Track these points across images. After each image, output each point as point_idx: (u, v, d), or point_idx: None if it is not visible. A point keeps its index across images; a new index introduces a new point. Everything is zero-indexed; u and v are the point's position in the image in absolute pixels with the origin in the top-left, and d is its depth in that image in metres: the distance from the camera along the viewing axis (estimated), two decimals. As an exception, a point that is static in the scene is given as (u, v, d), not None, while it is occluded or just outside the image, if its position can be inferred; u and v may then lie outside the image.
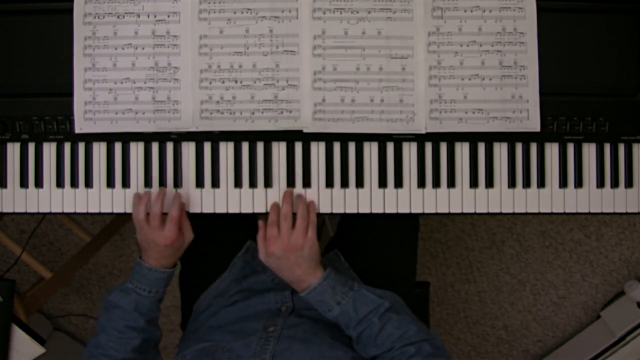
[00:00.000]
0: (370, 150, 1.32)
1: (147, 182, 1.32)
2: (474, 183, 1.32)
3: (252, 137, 1.31)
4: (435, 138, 1.31)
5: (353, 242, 1.45)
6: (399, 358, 1.16)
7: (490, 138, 1.31)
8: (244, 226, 1.44)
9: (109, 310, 1.27)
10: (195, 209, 1.32)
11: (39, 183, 1.33)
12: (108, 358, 1.25)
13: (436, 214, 1.32)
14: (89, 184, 1.32)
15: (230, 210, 1.32)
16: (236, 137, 1.31)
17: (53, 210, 1.33)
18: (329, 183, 1.32)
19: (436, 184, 1.32)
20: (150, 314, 1.28)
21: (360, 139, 1.31)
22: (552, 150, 1.32)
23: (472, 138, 1.31)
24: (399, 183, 1.31)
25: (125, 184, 1.32)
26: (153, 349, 1.32)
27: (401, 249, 1.45)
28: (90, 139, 1.31)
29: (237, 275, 1.40)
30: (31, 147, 1.33)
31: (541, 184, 1.32)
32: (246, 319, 1.28)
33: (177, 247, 1.28)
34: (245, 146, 1.32)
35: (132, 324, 1.25)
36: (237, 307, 1.32)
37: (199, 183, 1.32)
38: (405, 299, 1.31)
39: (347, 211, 1.31)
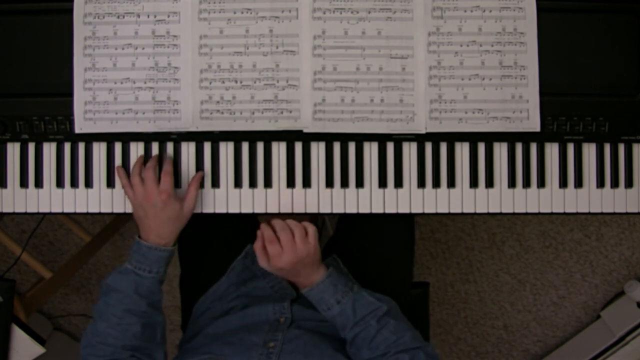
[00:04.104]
0: (370, 150, 1.32)
1: (147, 182, 1.32)
2: (474, 183, 1.32)
3: (252, 137, 1.31)
4: (435, 138, 1.31)
5: (350, 243, 1.44)
6: None
7: (490, 138, 1.31)
8: (244, 230, 1.43)
9: (106, 295, 1.22)
10: (195, 209, 1.31)
11: (39, 183, 1.33)
12: (107, 346, 1.19)
13: (436, 214, 1.32)
14: (89, 184, 1.32)
15: (230, 211, 1.32)
16: (236, 137, 1.31)
17: (53, 210, 1.33)
18: (329, 183, 1.31)
19: (436, 184, 1.32)
20: (152, 297, 1.23)
21: (360, 139, 1.31)
22: (552, 150, 1.32)
23: (472, 138, 1.31)
24: (399, 183, 1.31)
25: (125, 184, 1.32)
26: (161, 338, 1.25)
27: (398, 250, 1.45)
28: (90, 139, 1.31)
29: (235, 280, 1.39)
30: (31, 147, 1.33)
31: (541, 184, 1.32)
32: (245, 330, 1.26)
33: (176, 217, 1.25)
34: (245, 146, 1.32)
35: (132, 307, 1.20)
36: (235, 316, 1.31)
37: (199, 183, 1.31)
38: (402, 300, 1.31)
39: (347, 211, 1.31)
